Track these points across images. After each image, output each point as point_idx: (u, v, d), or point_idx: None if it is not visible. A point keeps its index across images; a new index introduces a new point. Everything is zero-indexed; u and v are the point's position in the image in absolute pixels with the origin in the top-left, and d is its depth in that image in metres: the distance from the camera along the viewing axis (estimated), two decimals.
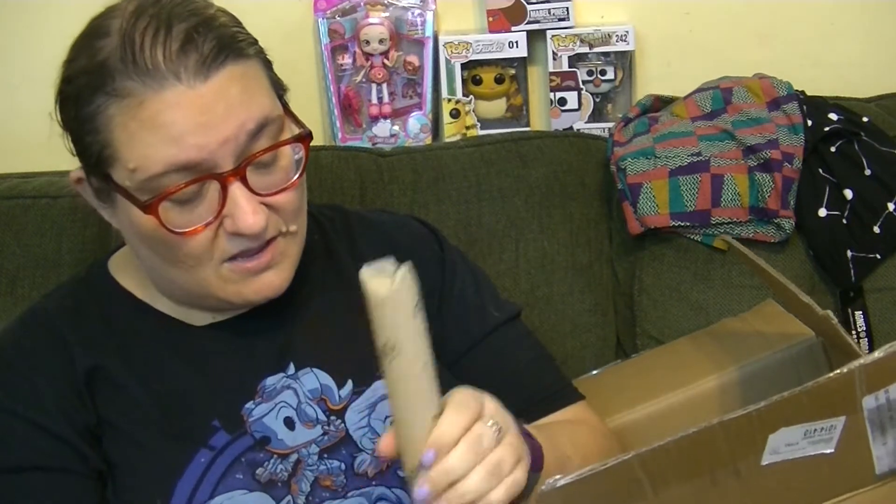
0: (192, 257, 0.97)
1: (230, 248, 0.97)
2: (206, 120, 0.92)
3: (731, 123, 1.52)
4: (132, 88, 0.91)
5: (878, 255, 1.50)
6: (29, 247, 1.44)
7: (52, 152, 1.72)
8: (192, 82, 0.91)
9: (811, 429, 0.85)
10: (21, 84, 1.73)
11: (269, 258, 0.99)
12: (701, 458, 0.83)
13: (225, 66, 0.93)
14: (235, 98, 0.94)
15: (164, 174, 0.92)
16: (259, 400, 1.03)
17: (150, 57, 0.91)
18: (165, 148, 0.92)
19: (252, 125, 0.94)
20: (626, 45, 1.70)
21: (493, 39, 1.69)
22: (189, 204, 0.94)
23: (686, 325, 1.49)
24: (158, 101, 0.91)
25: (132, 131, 0.92)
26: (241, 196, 0.94)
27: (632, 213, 1.50)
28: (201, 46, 0.92)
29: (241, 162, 0.94)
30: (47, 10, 1.70)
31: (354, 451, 1.03)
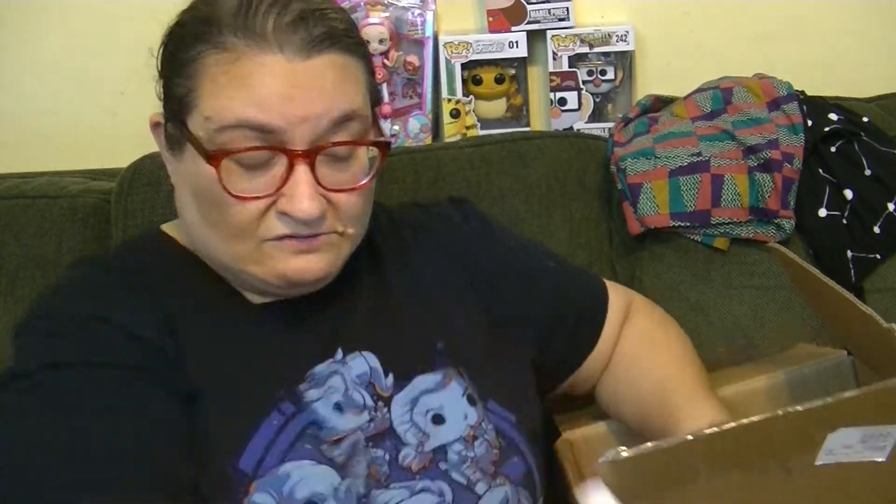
0: (237, 226, 0.97)
1: (278, 227, 0.97)
2: (295, 94, 0.94)
3: (731, 123, 1.52)
4: (234, 44, 0.94)
5: (878, 256, 1.50)
6: (29, 247, 1.44)
7: (52, 152, 1.74)
8: (292, 57, 0.94)
9: (870, 433, 0.84)
10: (22, 84, 1.73)
11: (317, 245, 0.99)
12: (757, 448, 0.82)
13: (327, 52, 0.96)
14: (329, 84, 0.96)
15: (236, 127, 0.94)
16: (309, 385, 1.02)
17: (261, 22, 0.94)
18: (246, 106, 0.94)
19: (336, 114, 0.96)
20: (626, 45, 1.70)
21: (493, 39, 1.69)
22: (253, 171, 0.96)
23: (686, 326, 1.47)
24: (255, 62, 0.94)
25: (220, 83, 0.94)
26: (305, 179, 0.95)
27: (632, 214, 1.50)
28: (311, 28, 0.95)
29: (314, 147, 0.95)
30: (49, 10, 1.70)
31: (399, 444, 1.02)
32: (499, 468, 1.04)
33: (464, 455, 1.03)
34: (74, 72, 1.74)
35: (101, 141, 1.75)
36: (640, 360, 1.21)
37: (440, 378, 1.06)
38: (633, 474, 0.81)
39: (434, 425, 1.03)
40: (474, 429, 1.04)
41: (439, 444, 1.03)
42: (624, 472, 0.80)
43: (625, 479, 0.81)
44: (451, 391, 1.05)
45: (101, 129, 1.76)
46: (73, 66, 1.74)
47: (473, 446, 1.03)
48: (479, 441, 1.04)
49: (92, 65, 1.74)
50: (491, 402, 1.07)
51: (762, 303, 1.49)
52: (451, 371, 1.06)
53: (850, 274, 1.50)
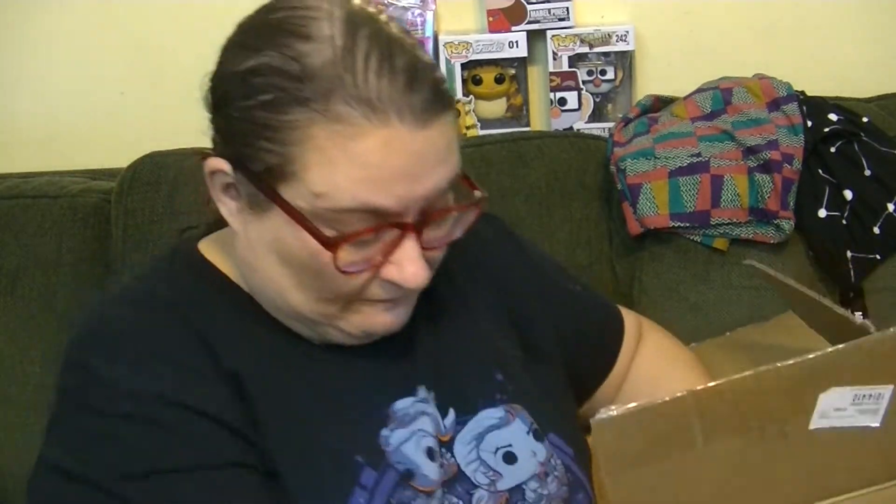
0: (336, 292, 0.90)
1: (377, 293, 0.91)
2: (415, 171, 0.85)
3: (731, 124, 1.52)
4: (348, 115, 0.82)
5: (877, 256, 1.50)
6: (29, 246, 1.44)
7: (52, 152, 1.74)
8: (412, 126, 0.84)
9: (860, 394, 0.84)
10: (21, 84, 1.73)
11: (407, 299, 0.94)
12: (753, 409, 0.82)
13: (441, 115, 0.86)
14: (442, 152, 0.87)
15: (355, 212, 0.85)
16: (394, 426, 0.94)
17: (376, 86, 0.83)
18: (365, 187, 0.84)
19: (445, 184, 0.88)
20: (626, 45, 1.70)
21: (493, 39, 1.69)
22: (360, 245, 0.88)
23: (686, 326, 1.48)
24: (375, 137, 0.83)
25: (333, 159, 0.83)
26: (413, 248, 0.88)
27: (631, 214, 1.50)
28: (423, 88, 0.84)
29: (424, 216, 0.88)
30: (48, 10, 1.70)
31: (470, 488, 0.95)
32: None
33: (539, 493, 0.97)
34: (74, 72, 1.74)
35: (101, 141, 1.75)
36: (658, 376, 1.20)
37: (503, 413, 0.99)
38: (627, 435, 0.80)
39: (506, 464, 0.97)
40: (544, 465, 0.98)
41: (514, 483, 0.96)
42: (618, 432, 0.79)
43: (620, 442, 0.80)
44: (517, 427, 0.99)
45: (101, 129, 1.76)
46: (73, 66, 1.74)
47: (546, 483, 0.98)
48: (550, 478, 0.98)
49: (92, 65, 1.74)
50: (552, 436, 1.01)
51: (762, 303, 1.49)
52: (515, 406, 1.00)
53: (849, 274, 1.50)
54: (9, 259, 1.44)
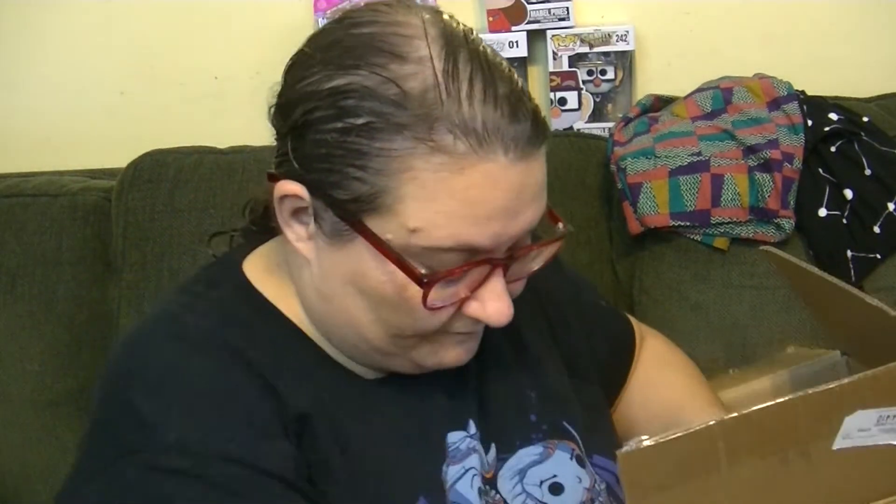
0: (417, 329, 0.85)
1: (458, 327, 0.87)
2: (514, 207, 0.80)
3: (732, 123, 1.52)
4: (454, 147, 0.76)
5: (878, 255, 1.50)
6: (29, 245, 1.44)
7: (52, 152, 1.74)
8: (515, 159, 0.78)
9: (885, 415, 0.84)
10: (21, 84, 1.74)
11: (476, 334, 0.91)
12: (778, 434, 0.82)
13: (541, 147, 0.81)
14: (537, 187, 0.82)
15: (448, 250, 0.80)
16: (449, 461, 0.90)
17: (481, 115, 0.77)
18: (464, 225, 0.78)
19: (536, 221, 0.84)
20: (626, 44, 1.70)
21: (493, 39, 1.69)
22: (450, 281, 0.83)
23: (686, 325, 1.49)
24: (479, 172, 0.77)
25: (433, 193, 0.77)
26: (500, 285, 0.84)
27: (632, 213, 1.50)
28: (526, 117, 0.79)
29: (511, 252, 0.84)
30: (49, 10, 1.70)
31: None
32: None
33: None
34: (74, 72, 1.74)
35: (101, 141, 1.75)
36: (653, 382, 1.19)
37: (542, 450, 0.96)
38: (654, 463, 0.80)
39: (552, 495, 0.93)
40: (590, 491, 0.96)
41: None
42: (646, 461, 0.79)
43: (647, 469, 0.80)
44: (559, 458, 0.96)
45: (101, 129, 1.76)
46: (73, 66, 1.74)
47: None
48: (596, 503, 0.96)
49: (92, 65, 1.74)
50: (596, 457, 0.98)
51: (762, 303, 1.49)
52: (552, 441, 0.97)
53: (850, 274, 1.49)
54: (9, 258, 1.44)
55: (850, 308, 1.05)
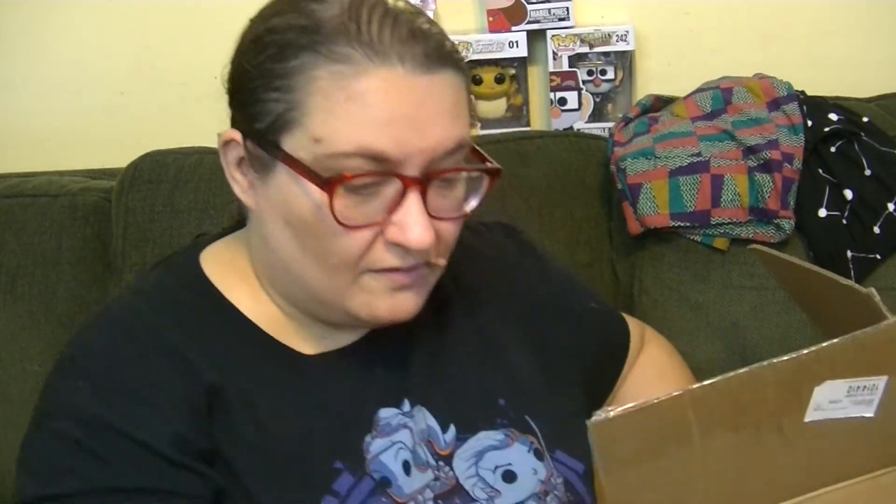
0: (339, 255, 0.89)
1: (383, 258, 0.89)
2: (416, 115, 0.86)
3: (731, 124, 1.52)
4: (351, 55, 0.84)
5: (878, 256, 1.50)
6: (29, 245, 1.44)
7: (52, 152, 1.74)
8: (415, 70, 0.85)
9: (855, 385, 0.84)
10: (21, 84, 1.74)
11: (413, 279, 0.92)
12: (748, 405, 0.82)
13: (446, 69, 0.88)
14: (447, 106, 0.88)
15: (350, 156, 0.85)
16: (376, 434, 0.94)
17: (378, 33, 0.85)
18: (364, 129, 0.85)
19: (451, 144, 0.88)
20: (626, 44, 1.70)
21: (494, 39, 1.69)
22: (362, 197, 0.87)
23: (686, 326, 1.49)
24: (375, 77, 0.84)
25: (334, 100, 0.85)
26: (417, 208, 0.87)
27: (632, 214, 1.50)
28: (427, 41, 0.87)
29: (428, 175, 0.88)
30: (49, 10, 1.70)
31: (468, 501, 0.95)
32: None
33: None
34: (74, 72, 1.74)
35: (101, 141, 1.75)
36: (646, 392, 1.19)
37: (503, 437, 0.99)
38: (624, 435, 0.80)
39: (505, 482, 0.97)
40: (545, 484, 0.98)
41: (513, 501, 0.96)
42: (615, 433, 0.80)
43: (617, 442, 0.81)
44: (517, 449, 0.99)
45: (101, 129, 1.76)
46: (73, 66, 1.74)
47: (546, 501, 0.98)
48: (551, 497, 0.98)
49: (92, 65, 1.74)
50: (559, 453, 1.01)
51: (762, 303, 1.49)
52: (514, 431, 1.00)
53: (850, 274, 1.49)
54: (9, 258, 1.44)
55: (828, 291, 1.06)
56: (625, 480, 0.82)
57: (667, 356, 1.27)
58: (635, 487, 0.83)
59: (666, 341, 1.30)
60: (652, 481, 0.83)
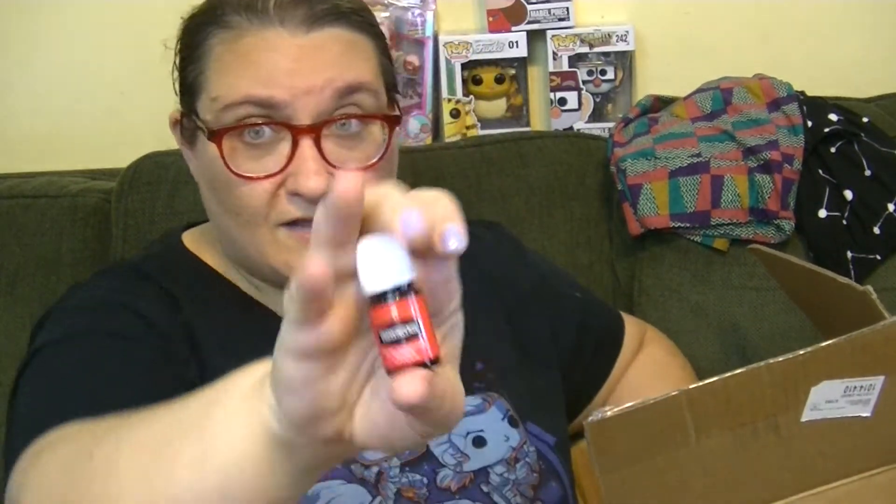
0: (249, 209, 0.94)
1: (288, 209, 0.94)
2: (298, 67, 0.92)
3: (731, 124, 1.52)
4: (237, 22, 0.94)
5: (878, 256, 1.50)
6: (28, 246, 1.44)
7: (52, 152, 1.74)
8: (295, 31, 0.93)
9: (851, 385, 0.85)
10: (21, 84, 1.73)
11: None
12: (745, 405, 0.84)
13: (330, 26, 0.94)
14: (333, 56, 0.94)
15: (241, 105, 0.92)
16: None
17: (264, 2, 0.94)
18: (250, 83, 0.92)
19: (341, 84, 0.93)
20: (626, 45, 1.70)
21: (494, 39, 1.69)
22: (258, 150, 0.93)
23: (686, 327, 1.49)
24: (257, 38, 0.93)
25: (226, 62, 0.94)
26: (311, 155, 0.91)
27: (632, 214, 1.50)
28: (314, 4, 0.94)
29: (320, 121, 0.92)
30: (48, 10, 1.70)
31: (437, 467, 0.98)
32: (538, 493, 1.00)
33: (506, 477, 0.99)
34: (74, 72, 1.74)
35: (101, 141, 1.75)
36: (646, 390, 1.20)
37: (479, 402, 1.02)
38: (621, 435, 0.81)
39: (474, 448, 0.99)
40: (516, 451, 1.01)
41: (480, 465, 0.99)
42: (612, 432, 0.80)
43: (614, 441, 0.81)
44: (492, 414, 1.01)
45: (101, 129, 1.76)
46: (73, 65, 1.74)
47: (515, 469, 1.00)
48: (521, 464, 1.00)
49: (92, 65, 1.74)
50: (530, 424, 1.04)
51: (762, 303, 1.49)
52: (492, 394, 1.03)
53: (850, 274, 1.49)
54: (9, 259, 1.44)
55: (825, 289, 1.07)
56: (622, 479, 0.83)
57: (668, 356, 1.27)
58: (632, 486, 0.83)
59: (669, 342, 1.30)
60: (649, 480, 0.84)
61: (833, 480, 0.90)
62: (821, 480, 0.89)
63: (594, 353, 1.20)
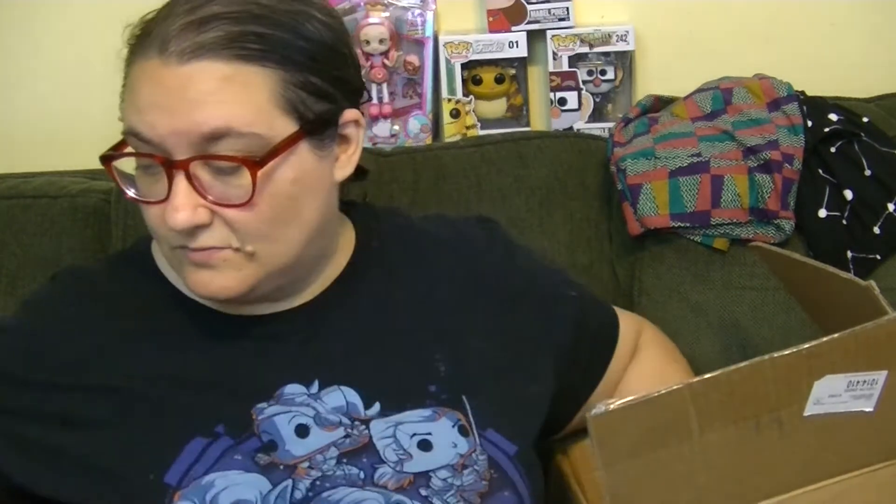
0: (152, 229, 0.99)
1: (172, 236, 0.96)
2: (164, 104, 0.92)
3: (731, 124, 1.52)
4: (134, 46, 0.96)
5: (878, 256, 1.50)
6: (29, 246, 1.44)
7: (52, 152, 1.74)
8: (169, 60, 0.91)
9: (854, 380, 0.85)
10: (21, 84, 1.73)
11: (205, 259, 0.96)
12: (748, 399, 0.84)
13: (212, 59, 0.91)
14: (204, 94, 0.91)
15: (129, 134, 0.96)
16: (273, 402, 0.99)
17: (162, 26, 0.93)
18: (132, 112, 0.95)
19: (207, 129, 0.91)
20: (626, 45, 1.70)
21: (494, 39, 1.69)
22: (152, 177, 0.96)
23: (686, 326, 1.49)
24: (138, 67, 0.95)
25: (124, 88, 0.98)
26: (181, 189, 0.93)
27: (632, 214, 1.50)
28: (207, 33, 0.91)
29: (190, 157, 0.92)
30: (48, 10, 1.70)
31: (376, 462, 0.98)
32: (486, 501, 0.99)
33: (450, 482, 0.98)
34: (74, 72, 1.74)
35: (101, 141, 1.74)
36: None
37: (430, 413, 1.02)
38: (624, 428, 0.81)
39: (419, 450, 0.99)
40: (464, 458, 1.00)
41: (423, 469, 0.98)
42: (615, 425, 0.80)
43: (617, 434, 0.81)
44: (442, 423, 1.01)
45: (101, 129, 1.75)
46: (73, 65, 1.74)
47: (462, 474, 0.99)
48: (469, 470, 0.99)
49: (92, 65, 1.74)
50: (491, 432, 1.03)
51: (763, 303, 1.49)
52: (444, 409, 1.02)
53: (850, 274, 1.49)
54: (9, 259, 1.43)
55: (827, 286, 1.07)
56: (624, 473, 0.83)
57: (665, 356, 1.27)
58: (634, 480, 0.83)
59: (669, 343, 1.30)
60: (651, 474, 0.84)
61: (836, 475, 0.90)
62: (823, 475, 0.89)
63: (590, 351, 1.19)
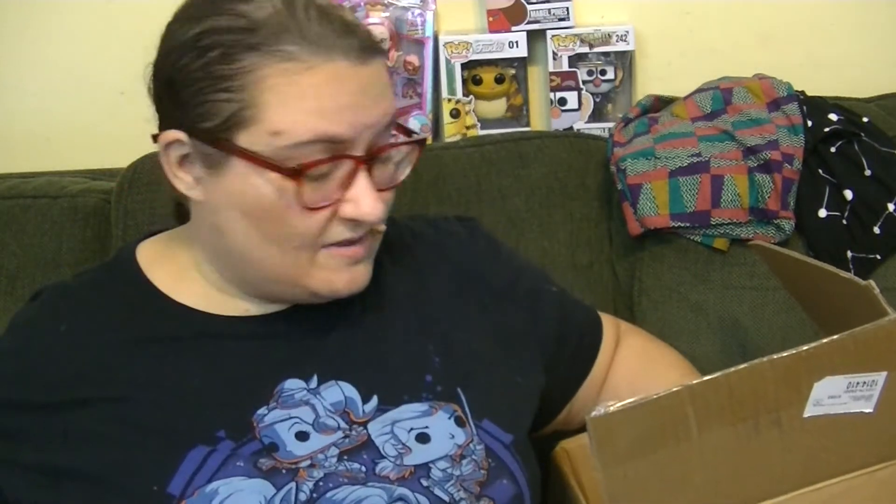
0: (300, 237, 0.97)
1: (338, 233, 0.98)
2: (362, 101, 0.94)
3: (731, 124, 1.52)
4: (297, 53, 0.91)
5: (878, 256, 1.50)
6: (29, 246, 1.44)
7: (52, 152, 1.74)
8: (355, 62, 0.93)
9: (854, 381, 0.85)
10: (21, 84, 1.73)
11: (365, 251, 1.01)
12: (747, 400, 0.84)
13: (377, 56, 0.97)
14: (384, 88, 0.98)
15: (308, 144, 0.92)
16: (273, 405, 0.99)
17: (318, 30, 0.93)
18: (317, 118, 0.92)
19: (389, 118, 0.98)
20: (626, 45, 1.70)
21: (494, 39, 1.69)
22: (319, 181, 0.95)
23: (686, 326, 1.49)
24: (324, 71, 0.92)
25: (286, 95, 0.92)
26: (367, 184, 0.96)
27: (632, 214, 1.50)
28: (358, 34, 0.95)
29: (371, 151, 0.97)
30: (49, 10, 1.70)
31: (376, 457, 0.99)
32: (484, 489, 1.00)
33: (449, 473, 1.00)
34: (74, 72, 1.74)
35: (101, 141, 1.75)
36: (637, 378, 1.22)
37: (426, 408, 1.03)
38: (625, 430, 0.81)
39: (417, 442, 1.00)
40: (462, 448, 1.01)
41: (422, 461, 1.00)
42: (614, 427, 0.80)
43: (616, 436, 0.81)
44: (438, 417, 1.02)
45: (101, 129, 1.76)
46: (73, 66, 1.74)
47: (460, 465, 1.00)
48: (467, 460, 1.01)
49: (92, 65, 1.74)
50: (486, 422, 1.04)
51: (763, 303, 1.49)
52: (440, 403, 1.03)
53: None
54: (9, 259, 1.44)
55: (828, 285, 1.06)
56: (623, 474, 0.83)
57: (648, 342, 1.29)
58: (633, 481, 0.84)
59: (642, 332, 1.31)
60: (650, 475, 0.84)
61: (835, 476, 0.90)
62: (823, 476, 0.89)
63: (576, 348, 1.20)
